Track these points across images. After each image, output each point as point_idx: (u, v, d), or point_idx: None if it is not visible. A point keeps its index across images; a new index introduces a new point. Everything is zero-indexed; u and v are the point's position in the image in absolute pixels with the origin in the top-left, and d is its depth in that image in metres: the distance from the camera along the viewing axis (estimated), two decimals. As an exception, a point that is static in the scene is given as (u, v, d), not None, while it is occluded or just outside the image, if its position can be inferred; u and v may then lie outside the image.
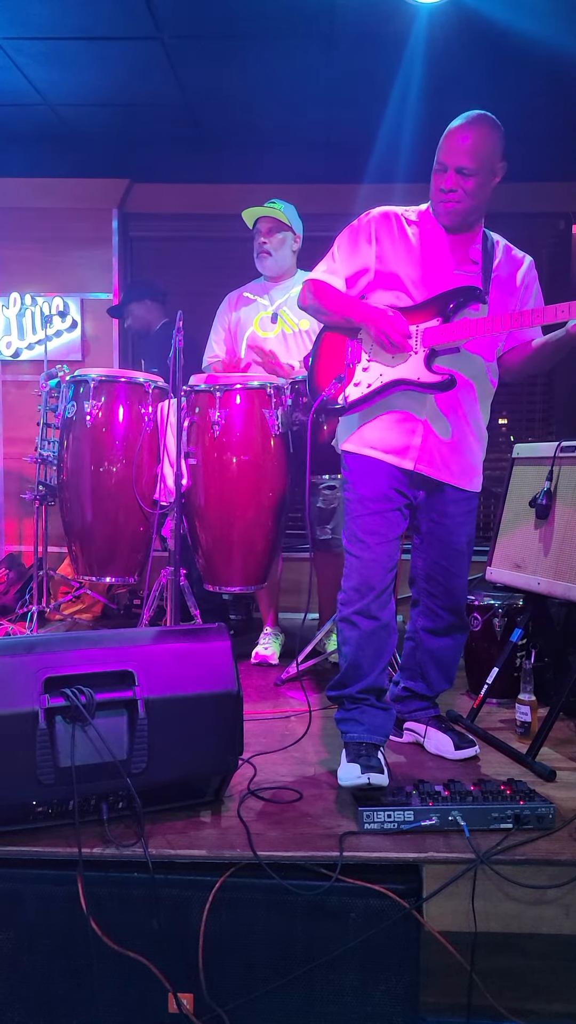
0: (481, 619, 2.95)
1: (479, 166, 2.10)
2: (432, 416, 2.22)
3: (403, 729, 2.49)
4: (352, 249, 2.26)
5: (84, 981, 1.78)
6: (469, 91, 3.51)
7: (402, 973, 1.77)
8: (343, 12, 3.19)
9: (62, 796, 1.80)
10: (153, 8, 3.19)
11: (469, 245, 2.24)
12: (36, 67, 3.67)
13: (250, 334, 3.56)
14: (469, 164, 2.10)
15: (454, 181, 2.12)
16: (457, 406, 2.24)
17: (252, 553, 3.24)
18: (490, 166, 2.13)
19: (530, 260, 2.31)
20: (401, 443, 2.23)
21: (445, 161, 2.12)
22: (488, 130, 2.12)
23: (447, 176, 2.12)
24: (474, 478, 2.33)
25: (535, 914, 1.79)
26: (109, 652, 1.90)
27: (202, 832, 1.88)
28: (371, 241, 2.23)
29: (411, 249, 2.23)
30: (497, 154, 2.14)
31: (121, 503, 3.23)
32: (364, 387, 2.23)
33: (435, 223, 2.24)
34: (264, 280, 3.62)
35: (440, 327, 2.15)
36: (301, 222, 3.57)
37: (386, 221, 2.24)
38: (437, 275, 2.21)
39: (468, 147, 2.09)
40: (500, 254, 2.27)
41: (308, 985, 1.78)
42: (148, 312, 4.27)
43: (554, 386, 4.80)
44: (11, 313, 4.68)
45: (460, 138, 2.10)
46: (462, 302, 2.14)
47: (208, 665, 1.95)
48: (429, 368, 2.16)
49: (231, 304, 3.66)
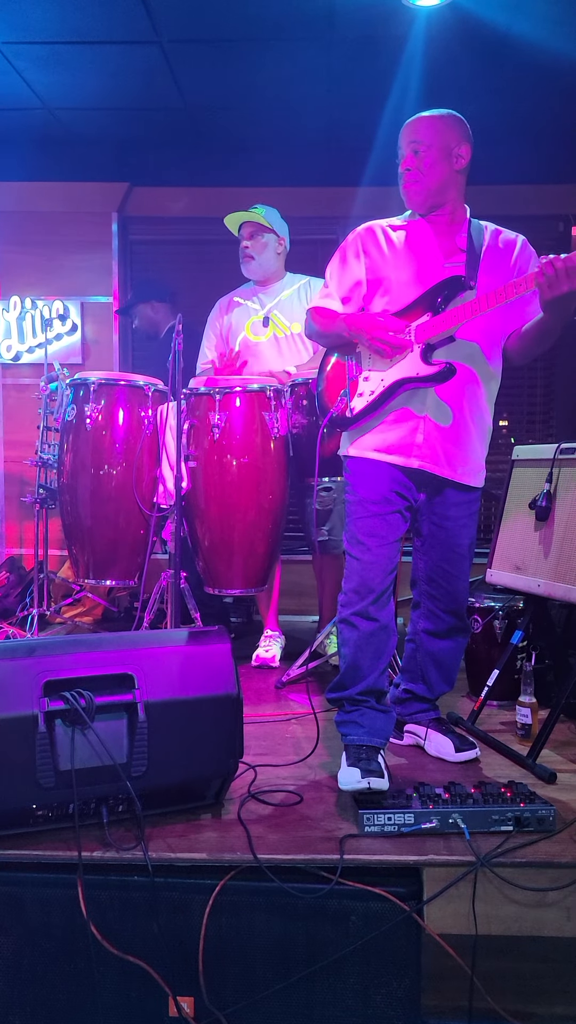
0: (481, 621, 2.95)
1: (430, 141, 2.20)
2: (433, 410, 2.23)
3: (403, 731, 2.49)
4: (342, 268, 2.33)
5: (84, 985, 1.78)
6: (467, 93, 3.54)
7: (403, 976, 1.77)
8: (342, 15, 3.19)
9: (62, 799, 1.80)
10: (152, 12, 3.19)
11: (455, 235, 2.27)
12: (35, 71, 3.68)
13: (242, 339, 3.57)
14: (420, 139, 2.20)
15: (410, 160, 2.22)
16: (458, 396, 2.24)
17: (252, 556, 3.24)
18: (444, 145, 2.20)
19: (523, 239, 2.30)
20: (403, 442, 2.23)
21: (401, 144, 2.26)
22: (440, 116, 2.23)
23: (404, 157, 2.24)
24: (477, 473, 2.33)
25: (536, 917, 1.78)
26: (109, 655, 1.90)
27: (202, 835, 1.88)
28: (359, 255, 2.30)
29: (398, 253, 2.27)
30: (453, 137, 2.21)
31: (121, 506, 3.23)
32: (368, 395, 2.25)
33: (420, 223, 2.29)
34: (253, 284, 3.63)
35: (430, 320, 2.17)
36: (286, 225, 3.58)
37: (370, 234, 2.31)
38: (427, 271, 2.23)
39: (418, 126, 2.22)
40: (488, 238, 2.28)
41: (308, 989, 1.77)
42: (155, 312, 4.27)
43: (554, 387, 4.80)
44: (11, 317, 4.68)
45: (412, 122, 2.24)
46: (448, 294, 2.16)
47: (208, 668, 1.95)
48: (427, 362, 2.18)
49: (222, 309, 3.67)
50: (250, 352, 3.55)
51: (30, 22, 3.28)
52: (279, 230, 3.53)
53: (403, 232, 2.30)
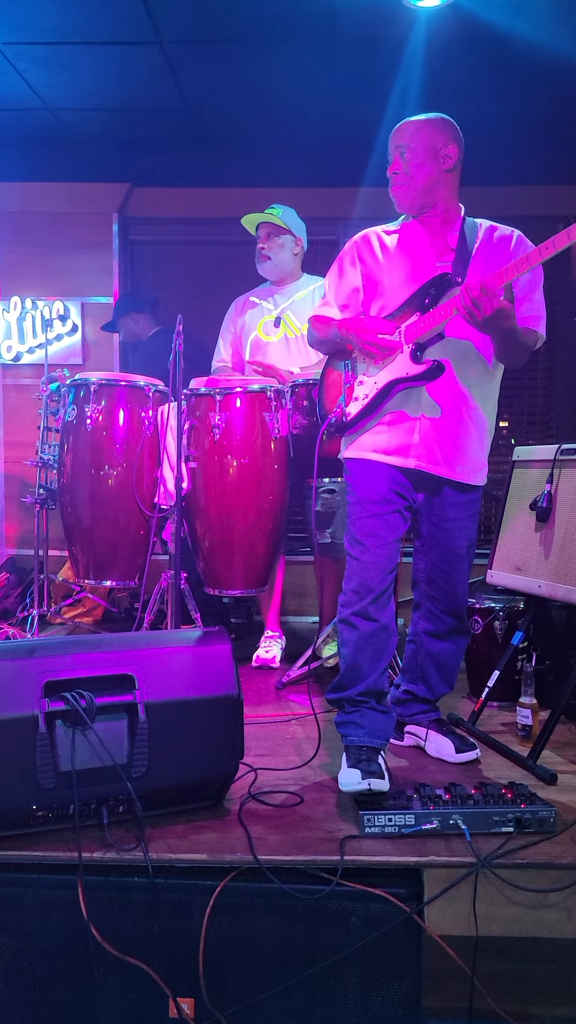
0: (482, 622, 2.94)
1: (416, 145, 2.23)
2: (428, 410, 2.24)
3: (404, 732, 2.49)
4: (340, 277, 2.37)
5: (84, 986, 1.78)
6: (468, 94, 3.55)
7: (403, 978, 1.77)
8: (343, 16, 3.19)
9: (62, 800, 1.80)
10: (153, 13, 3.19)
11: (447, 234, 2.28)
12: (36, 72, 3.68)
13: (254, 338, 3.58)
14: (405, 142, 2.23)
15: (396, 164, 2.25)
16: (453, 394, 2.25)
17: (253, 556, 3.24)
18: (430, 146, 2.22)
19: (518, 234, 2.29)
20: (400, 443, 2.24)
21: (390, 149, 2.28)
22: (425, 119, 2.26)
23: (392, 161, 2.26)
24: (477, 471, 2.32)
25: (537, 918, 1.78)
26: (109, 656, 1.90)
27: (203, 836, 1.88)
28: (355, 263, 2.34)
29: (391, 257, 2.30)
30: (439, 138, 2.23)
31: (122, 506, 3.23)
32: (362, 399, 2.28)
33: (413, 224, 2.31)
34: (269, 284, 3.65)
35: (418, 320, 2.19)
36: (303, 225, 3.58)
37: (365, 241, 2.34)
38: (420, 273, 2.24)
39: (403, 131, 2.25)
40: (482, 235, 2.28)
41: (309, 990, 1.77)
42: (136, 324, 4.34)
43: (554, 388, 4.80)
44: (12, 317, 4.68)
45: (398, 128, 2.27)
46: (436, 293, 2.17)
47: (209, 669, 1.95)
48: (416, 362, 2.19)
49: (238, 309, 3.69)
50: (260, 352, 3.55)
51: (31, 23, 3.28)
52: (296, 231, 3.54)
53: (396, 236, 2.33)
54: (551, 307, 2.38)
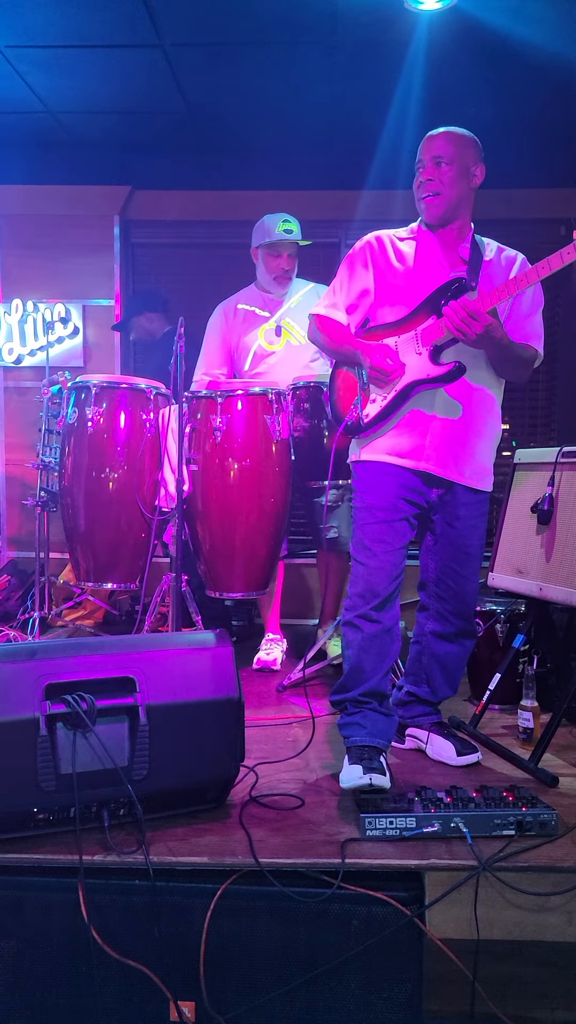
0: (483, 625, 2.94)
1: (453, 155, 2.23)
2: (443, 411, 2.26)
3: (405, 735, 2.49)
4: (350, 277, 2.36)
5: (85, 989, 1.77)
6: (470, 98, 3.54)
7: (404, 981, 1.76)
8: (344, 19, 3.19)
9: (63, 803, 1.80)
10: (154, 16, 3.20)
11: (458, 246, 2.30)
12: (37, 75, 3.68)
13: (257, 348, 3.55)
14: (444, 152, 2.22)
15: (431, 171, 2.24)
16: (467, 397, 2.28)
17: (254, 559, 3.23)
18: (464, 161, 2.24)
19: (523, 258, 2.34)
20: (415, 445, 2.26)
21: (422, 156, 2.27)
22: (461, 133, 2.27)
23: (425, 168, 2.25)
24: (484, 477, 2.35)
25: (538, 921, 1.78)
26: (110, 658, 1.90)
27: (203, 839, 1.88)
28: (367, 265, 2.33)
29: (405, 262, 2.31)
30: (471, 155, 2.25)
31: (123, 509, 3.23)
32: (381, 401, 2.29)
33: (426, 234, 2.32)
34: (256, 289, 3.61)
35: (435, 323, 2.20)
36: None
37: (379, 244, 2.34)
38: (433, 279, 2.25)
39: (442, 140, 2.24)
40: (492, 252, 2.33)
41: (310, 993, 1.77)
42: (150, 323, 4.32)
43: (556, 391, 4.80)
44: (13, 319, 4.69)
45: (435, 136, 2.26)
46: (450, 296, 2.18)
47: (209, 671, 1.95)
48: (436, 363, 2.22)
49: (227, 317, 3.61)
50: (264, 362, 3.53)
51: (32, 26, 3.28)
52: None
53: (410, 243, 2.33)
54: (551, 308, 2.39)
